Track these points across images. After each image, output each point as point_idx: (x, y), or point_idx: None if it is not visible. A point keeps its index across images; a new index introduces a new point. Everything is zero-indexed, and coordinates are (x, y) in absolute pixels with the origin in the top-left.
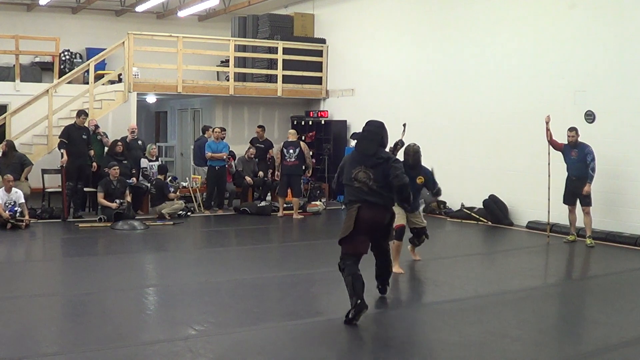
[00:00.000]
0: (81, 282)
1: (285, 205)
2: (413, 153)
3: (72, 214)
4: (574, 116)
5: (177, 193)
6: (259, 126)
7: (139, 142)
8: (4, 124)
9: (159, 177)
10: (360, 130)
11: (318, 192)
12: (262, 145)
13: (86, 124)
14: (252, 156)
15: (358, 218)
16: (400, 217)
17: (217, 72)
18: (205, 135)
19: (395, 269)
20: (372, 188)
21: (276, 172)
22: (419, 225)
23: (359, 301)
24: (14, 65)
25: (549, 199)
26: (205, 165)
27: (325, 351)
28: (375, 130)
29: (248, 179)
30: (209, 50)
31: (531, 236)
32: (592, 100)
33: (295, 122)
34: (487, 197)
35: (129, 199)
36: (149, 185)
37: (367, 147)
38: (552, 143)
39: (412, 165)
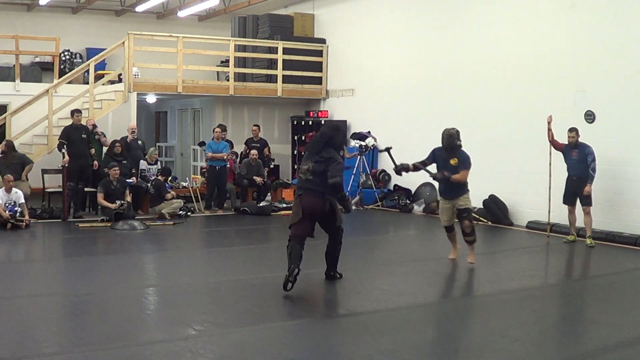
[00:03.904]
0: (81, 282)
1: (284, 205)
2: (446, 137)
3: (72, 214)
4: (574, 116)
5: (173, 193)
6: (255, 125)
7: (139, 142)
8: (4, 124)
9: (159, 177)
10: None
11: None
12: (258, 145)
13: (84, 123)
14: (256, 156)
15: (301, 206)
16: (443, 216)
17: (217, 72)
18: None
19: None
20: (309, 179)
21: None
22: (462, 205)
23: (292, 265)
24: (14, 65)
25: (549, 199)
26: None
27: (325, 351)
28: (325, 132)
29: (258, 179)
30: (209, 50)
31: (531, 236)
32: (592, 100)
33: (295, 122)
34: (487, 197)
35: (128, 199)
36: (148, 185)
37: (312, 147)
38: (553, 143)
39: (445, 147)
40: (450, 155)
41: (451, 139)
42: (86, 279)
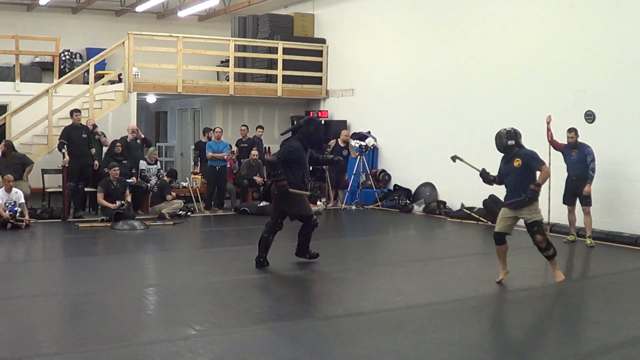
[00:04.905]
0: (81, 282)
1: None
2: (495, 138)
3: (72, 214)
4: (574, 116)
5: (174, 194)
6: (244, 125)
7: (138, 141)
8: (4, 124)
9: (165, 178)
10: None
11: (318, 192)
12: (246, 145)
13: (84, 123)
14: (256, 157)
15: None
16: (500, 222)
17: (217, 72)
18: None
19: (499, 276)
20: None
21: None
22: (528, 219)
23: (259, 258)
24: (14, 65)
25: (549, 199)
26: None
27: (325, 351)
28: (299, 122)
29: (258, 179)
30: (209, 50)
31: None
32: (592, 100)
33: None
34: (487, 197)
35: (129, 199)
36: (148, 185)
37: (285, 133)
38: (553, 143)
39: (499, 151)
40: (509, 158)
41: (499, 140)
42: (86, 279)
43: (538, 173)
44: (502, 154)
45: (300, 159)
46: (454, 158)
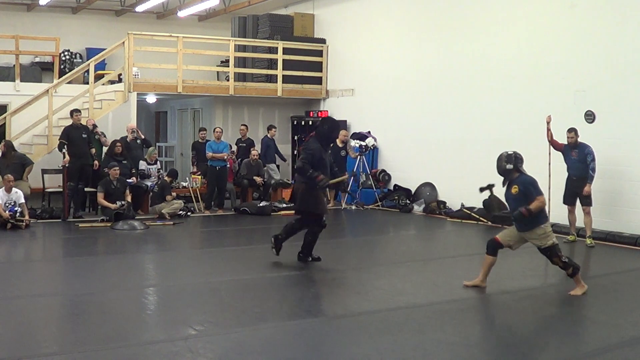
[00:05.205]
0: (81, 282)
1: (284, 205)
2: (496, 161)
3: (72, 214)
4: (574, 116)
5: (174, 194)
6: (243, 125)
7: (138, 141)
8: (4, 124)
9: (166, 178)
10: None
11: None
12: (244, 144)
13: (84, 123)
14: (256, 157)
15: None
16: (505, 233)
17: (217, 72)
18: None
19: (471, 281)
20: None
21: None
22: (540, 246)
23: (277, 236)
24: (14, 65)
25: (549, 199)
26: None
27: (325, 351)
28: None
29: (258, 179)
30: (209, 50)
31: None
32: (592, 100)
33: (295, 122)
34: (487, 197)
35: (129, 199)
36: (149, 184)
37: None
38: (553, 143)
39: (500, 174)
40: (507, 183)
41: (499, 162)
42: (86, 279)
43: None
44: (503, 178)
45: (322, 160)
46: (486, 189)
